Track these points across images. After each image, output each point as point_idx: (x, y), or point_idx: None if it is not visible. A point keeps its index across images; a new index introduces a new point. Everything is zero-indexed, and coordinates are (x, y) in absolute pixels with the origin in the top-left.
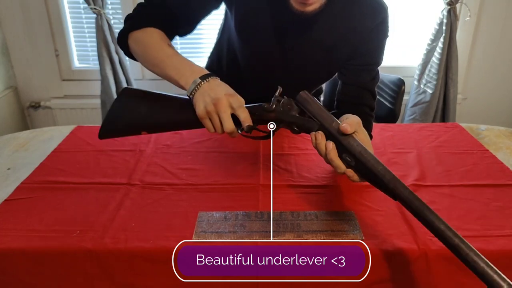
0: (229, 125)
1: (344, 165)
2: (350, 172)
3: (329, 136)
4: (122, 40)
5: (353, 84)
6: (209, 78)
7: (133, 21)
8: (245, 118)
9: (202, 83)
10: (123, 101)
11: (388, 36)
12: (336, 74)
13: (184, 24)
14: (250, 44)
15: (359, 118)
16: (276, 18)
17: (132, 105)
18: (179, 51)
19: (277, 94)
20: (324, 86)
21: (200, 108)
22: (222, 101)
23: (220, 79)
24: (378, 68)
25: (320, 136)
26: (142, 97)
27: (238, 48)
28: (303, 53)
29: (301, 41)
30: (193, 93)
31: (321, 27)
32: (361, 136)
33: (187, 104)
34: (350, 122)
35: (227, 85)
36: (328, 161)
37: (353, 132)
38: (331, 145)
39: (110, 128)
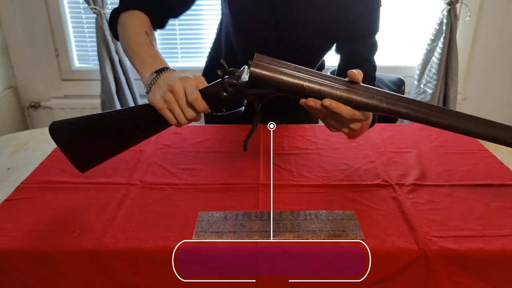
0: (190, 113)
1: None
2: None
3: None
4: (112, 21)
5: (351, 56)
6: (165, 71)
7: (124, 2)
8: (203, 107)
9: (158, 76)
10: (63, 139)
11: (381, 5)
12: (335, 47)
13: (176, 2)
14: (243, 20)
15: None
16: None
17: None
18: (178, 51)
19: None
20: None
21: (157, 99)
22: (178, 85)
23: None
24: (376, 39)
25: (312, 102)
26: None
27: (233, 35)
28: (296, 19)
29: (293, 8)
30: (149, 87)
31: None
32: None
33: (134, 111)
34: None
35: (182, 74)
36: (331, 116)
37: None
38: (327, 101)
39: (80, 164)
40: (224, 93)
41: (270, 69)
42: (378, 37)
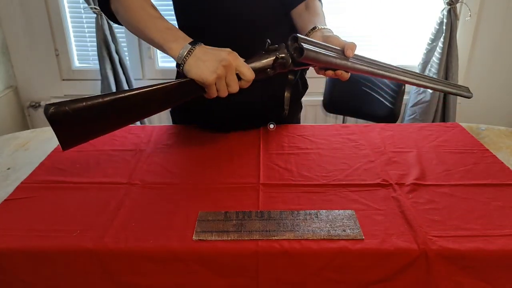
0: (235, 88)
1: None
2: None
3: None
4: (105, 3)
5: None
6: (199, 44)
7: None
8: (250, 75)
9: (194, 48)
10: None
11: None
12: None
13: None
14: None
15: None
16: None
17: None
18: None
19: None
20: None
21: (206, 73)
22: (230, 62)
23: None
24: None
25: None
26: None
27: (193, 21)
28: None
29: None
30: (184, 60)
31: None
32: (333, 39)
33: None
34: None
35: (218, 48)
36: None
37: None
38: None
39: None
40: (270, 69)
41: (316, 50)
42: (378, 37)
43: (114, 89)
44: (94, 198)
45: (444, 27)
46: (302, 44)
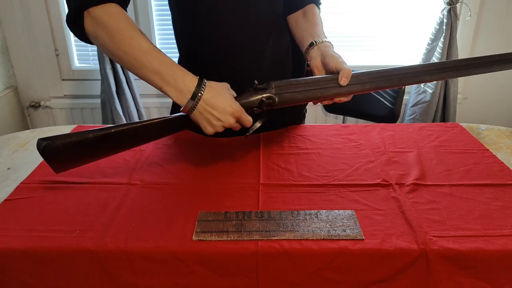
0: (235, 128)
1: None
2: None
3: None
4: (75, 21)
5: None
6: (202, 91)
7: None
8: (249, 123)
9: (198, 101)
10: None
11: None
12: None
13: None
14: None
15: (337, 58)
16: None
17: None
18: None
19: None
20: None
21: (208, 130)
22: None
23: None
24: None
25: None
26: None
27: (195, 35)
28: None
29: None
30: (191, 112)
31: None
32: (330, 60)
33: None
34: (345, 74)
35: (221, 89)
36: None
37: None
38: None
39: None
40: (256, 108)
41: (294, 93)
42: (378, 37)
43: (114, 89)
44: (94, 198)
45: (444, 27)
46: (277, 92)
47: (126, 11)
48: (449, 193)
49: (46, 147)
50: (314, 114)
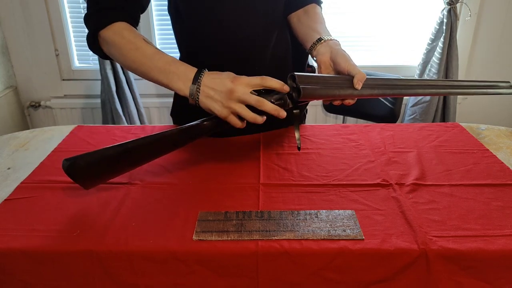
0: (249, 113)
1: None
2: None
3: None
4: (93, 44)
5: None
6: (201, 76)
7: (95, 20)
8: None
9: (199, 85)
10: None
11: None
12: None
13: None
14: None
15: (344, 56)
16: None
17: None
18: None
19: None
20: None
21: (217, 109)
22: (238, 90)
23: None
24: None
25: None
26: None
27: (195, 34)
28: None
29: None
30: (197, 100)
31: None
32: (341, 59)
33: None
34: (360, 78)
35: (221, 72)
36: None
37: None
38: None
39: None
40: (276, 102)
41: (315, 87)
42: (379, 37)
43: (114, 89)
44: (94, 198)
45: (444, 27)
46: (300, 84)
47: (137, 24)
48: (449, 193)
49: (70, 167)
50: (314, 114)
